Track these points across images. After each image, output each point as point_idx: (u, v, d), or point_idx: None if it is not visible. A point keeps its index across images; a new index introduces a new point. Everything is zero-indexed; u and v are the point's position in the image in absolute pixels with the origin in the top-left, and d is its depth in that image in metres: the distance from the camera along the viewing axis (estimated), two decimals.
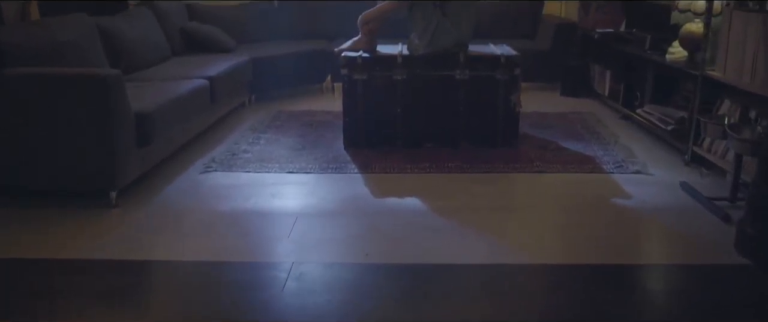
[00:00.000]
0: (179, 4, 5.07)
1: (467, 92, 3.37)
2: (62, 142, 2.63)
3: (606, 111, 4.42)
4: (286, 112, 4.42)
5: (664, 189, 2.88)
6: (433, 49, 3.36)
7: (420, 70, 3.36)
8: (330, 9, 5.54)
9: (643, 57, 3.88)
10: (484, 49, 3.60)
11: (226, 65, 4.11)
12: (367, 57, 3.38)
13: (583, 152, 3.41)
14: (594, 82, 4.77)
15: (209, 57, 4.45)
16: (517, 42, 5.27)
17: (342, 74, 3.39)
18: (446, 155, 3.33)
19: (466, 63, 3.33)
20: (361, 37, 3.51)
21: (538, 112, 4.29)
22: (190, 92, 3.38)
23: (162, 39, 4.38)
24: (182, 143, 3.39)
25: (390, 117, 3.42)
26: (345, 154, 3.39)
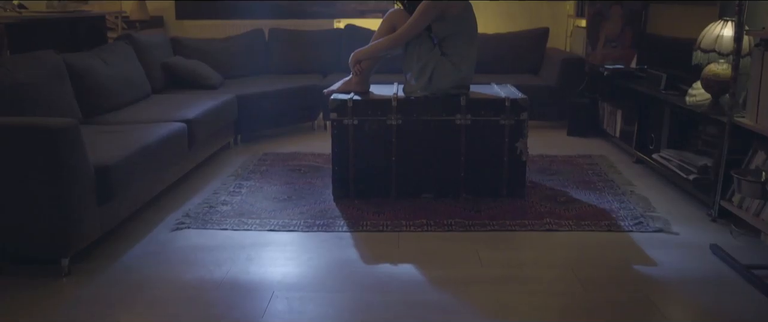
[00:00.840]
0: (163, 38, 4.80)
1: (469, 139, 3.06)
2: (8, 201, 2.30)
3: (618, 154, 4.11)
4: (274, 154, 4.10)
5: (692, 253, 2.55)
6: (432, 92, 3.05)
7: (417, 115, 3.05)
8: (324, 42, 5.27)
9: (659, 98, 3.59)
10: (488, 90, 3.30)
11: (208, 105, 3.80)
12: (358, 100, 3.07)
13: (597, 205, 3.09)
14: (603, 121, 4.47)
15: (191, 95, 4.16)
16: (521, 77, 5.03)
17: (331, 119, 3.08)
18: (446, 209, 3.00)
19: (468, 107, 3.03)
20: (353, 77, 3.21)
21: (545, 156, 3.98)
22: (164, 138, 3.06)
23: (141, 76, 4.09)
24: (153, 196, 3.06)
25: (384, 166, 3.10)
26: (334, 207, 3.06)
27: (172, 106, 3.74)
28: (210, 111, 3.76)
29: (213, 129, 3.83)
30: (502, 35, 5.26)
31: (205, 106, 3.76)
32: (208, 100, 3.92)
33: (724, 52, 2.90)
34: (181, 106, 3.72)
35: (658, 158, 3.52)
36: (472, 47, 3.12)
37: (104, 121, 3.40)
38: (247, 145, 4.41)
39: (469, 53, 3.11)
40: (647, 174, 3.65)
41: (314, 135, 4.68)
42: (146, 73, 4.19)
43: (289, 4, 5.61)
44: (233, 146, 4.38)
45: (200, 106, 3.72)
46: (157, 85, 4.34)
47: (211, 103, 3.88)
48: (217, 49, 5.04)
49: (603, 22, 4.66)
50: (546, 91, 4.73)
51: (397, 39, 3.04)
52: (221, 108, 3.97)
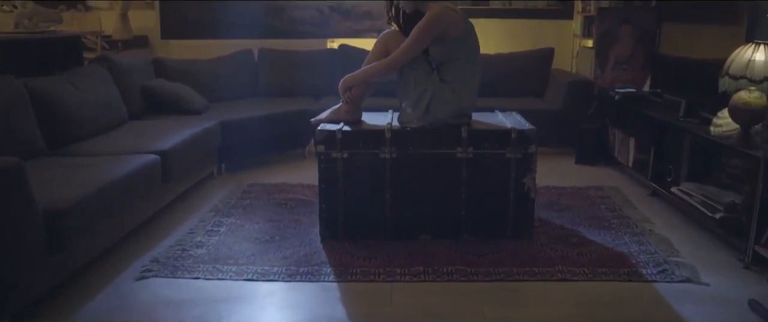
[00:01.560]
0: (144, 59, 4.51)
1: (471, 173, 2.75)
2: None
3: (631, 185, 3.80)
4: (260, 185, 3.79)
5: (728, 310, 2.23)
6: (430, 122, 2.75)
7: (413, 148, 2.74)
8: (316, 63, 4.99)
9: (677, 126, 3.29)
10: (491, 119, 3.00)
11: (188, 133, 3.50)
12: (348, 131, 2.77)
13: (614, 247, 2.77)
14: (614, 149, 4.17)
15: (172, 121, 3.86)
16: (524, 100, 4.73)
17: (317, 152, 2.77)
18: (445, 253, 2.69)
19: (470, 138, 2.72)
20: (343, 104, 2.91)
21: (552, 188, 3.67)
22: (133, 174, 2.76)
23: (117, 101, 3.79)
24: (119, 238, 2.75)
25: (377, 204, 2.79)
26: (320, 251, 2.75)
27: (148, 134, 3.44)
28: (189, 140, 3.46)
29: (193, 159, 3.53)
30: (505, 55, 4.98)
31: (185, 134, 3.46)
32: (189, 128, 3.62)
33: (756, 79, 2.61)
34: (158, 134, 3.42)
35: (677, 192, 3.22)
36: (474, 72, 2.83)
37: (71, 152, 3.10)
38: (232, 175, 4.10)
39: (470, 79, 2.81)
40: (665, 209, 3.33)
41: (304, 164, 4.37)
42: (124, 98, 3.89)
43: (281, 23, 5.35)
44: (217, 176, 4.07)
45: (179, 135, 3.42)
46: (136, 110, 4.04)
47: (192, 130, 3.58)
48: (202, 70, 4.76)
49: (612, 43, 4.38)
50: (552, 116, 4.43)
51: (392, 64, 2.74)
52: (203, 136, 3.67)
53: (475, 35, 2.83)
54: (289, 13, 5.32)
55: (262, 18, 5.35)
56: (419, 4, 2.79)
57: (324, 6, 5.32)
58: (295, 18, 5.34)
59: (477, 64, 2.84)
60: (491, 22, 5.25)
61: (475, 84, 2.84)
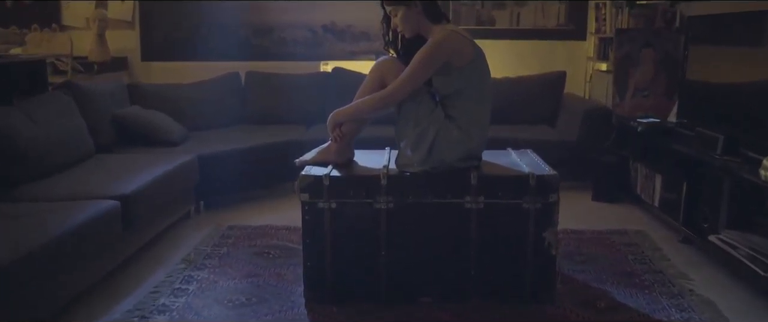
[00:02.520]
0: (118, 84, 4.12)
1: (481, 227, 2.33)
2: None
3: (658, 228, 3.38)
4: (240, 228, 3.37)
5: None
6: (433, 166, 2.34)
7: (413, 196, 2.33)
8: (308, 88, 4.60)
9: (715, 165, 2.88)
10: (504, 160, 2.59)
11: (158, 171, 3.09)
12: (337, 176, 2.36)
13: (650, 314, 2.35)
14: (637, 185, 3.75)
15: (143, 155, 3.46)
16: (535, 129, 4.33)
17: (301, 201, 2.36)
18: (451, 320, 2.26)
19: (481, 186, 2.31)
20: (331, 143, 2.50)
21: (571, 232, 3.25)
22: (84, 226, 2.34)
23: (81, 133, 3.38)
24: (66, 302, 2.32)
25: (370, 261, 2.37)
26: (304, 317, 2.33)
27: (113, 172, 3.03)
28: (160, 179, 3.04)
29: (163, 200, 3.11)
30: (513, 80, 4.60)
31: (154, 172, 3.05)
32: (161, 163, 3.21)
33: None
34: (124, 172, 3.01)
35: (717, 242, 2.80)
36: (484, 107, 2.42)
37: (17, 196, 2.68)
38: (211, 214, 3.68)
39: (480, 115, 2.41)
40: (703, 262, 2.91)
41: (292, 201, 3.89)
42: (91, 129, 3.49)
43: (270, 44, 4.96)
44: (194, 216, 3.65)
45: (147, 173, 3.01)
46: (106, 142, 3.64)
47: (164, 167, 3.17)
48: (183, 96, 4.37)
49: (632, 68, 3.99)
50: (566, 148, 4.03)
51: (388, 98, 2.34)
52: (177, 173, 3.26)
53: (485, 63, 2.44)
54: (279, 33, 4.94)
55: (250, 38, 4.96)
56: (421, 27, 2.39)
57: (317, 26, 4.94)
58: (285, 39, 4.95)
59: (488, 97, 2.44)
60: (497, 44, 4.86)
61: (486, 121, 2.43)
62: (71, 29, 5.00)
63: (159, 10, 4.96)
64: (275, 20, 4.93)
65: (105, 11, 4.92)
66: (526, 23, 4.85)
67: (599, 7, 4.51)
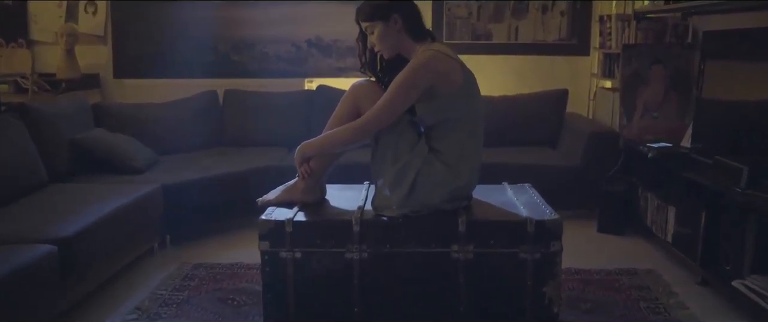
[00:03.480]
0: (81, 105, 3.79)
1: (471, 280, 2.00)
2: None
3: (672, 267, 3.03)
4: (206, 267, 3.03)
5: None
6: (415, 209, 2.01)
7: (391, 245, 1.99)
8: (291, 107, 4.27)
9: (739, 200, 2.54)
10: (498, 198, 2.25)
11: (110, 206, 2.75)
12: (301, 221, 2.02)
13: None
14: (646, 217, 3.41)
15: (99, 185, 3.13)
16: (535, 152, 3.99)
17: (261, 251, 2.02)
18: None
19: (470, 232, 1.97)
20: (299, 181, 2.17)
21: (575, 271, 2.90)
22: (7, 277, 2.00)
23: (31, 161, 3.06)
24: None
25: (341, 320, 2.02)
26: None
27: (59, 208, 2.70)
28: (113, 215, 2.71)
29: (117, 239, 2.78)
30: (511, 99, 4.27)
31: (106, 207, 2.72)
32: (116, 196, 2.88)
33: None
34: (72, 207, 2.69)
35: (741, 288, 2.45)
36: (475, 139, 2.09)
37: None
38: (178, 250, 3.34)
39: (471, 148, 2.07)
40: (724, 307, 2.57)
41: None
42: (45, 156, 3.17)
43: (251, 60, 4.63)
44: (158, 252, 3.30)
45: (98, 209, 2.68)
46: (63, 168, 3.31)
47: (121, 200, 2.84)
48: (155, 116, 4.04)
49: (640, 87, 3.66)
50: (569, 173, 3.70)
51: (362, 129, 2.01)
52: (135, 206, 2.92)
53: (476, 88, 2.11)
54: (261, 49, 4.62)
55: (229, 54, 4.64)
56: (402, 46, 2.07)
57: (301, 40, 4.62)
58: (268, 54, 4.63)
59: (480, 127, 2.11)
60: (494, 60, 4.55)
61: (477, 155, 2.10)
62: (40, 44, 4.68)
63: (133, 24, 4.64)
64: (257, 35, 4.61)
65: (75, 25, 4.60)
66: (525, 37, 4.52)
67: (603, 20, 4.19)
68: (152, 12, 4.60)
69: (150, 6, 4.60)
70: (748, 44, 2.88)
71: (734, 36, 3.01)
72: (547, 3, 4.45)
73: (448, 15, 4.50)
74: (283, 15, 4.56)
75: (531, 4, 4.47)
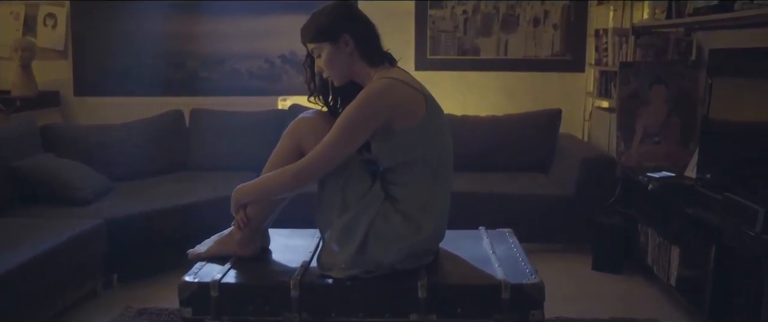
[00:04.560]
0: (28, 127, 3.46)
1: None
2: None
3: (676, 313, 2.70)
4: (151, 313, 2.69)
5: None
6: (366, 269, 1.67)
7: (337, 313, 1.65)
8: (262, 127, 3.92)
9: (752, 245, 2.20)
10: (469, 251, 1.91)
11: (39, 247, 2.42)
12: (230, 284, 1.68)
13: None
14: (647, 254, 3.07)
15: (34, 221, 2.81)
16: (525, 178, 3.65)
17: (183, 319, 1.68)
18: None
19: (432, 298, 1.63)
20: (234, 230, 1.83)
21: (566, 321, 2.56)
22: None
23: None
24: None
25: None
26: None
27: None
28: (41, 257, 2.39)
29: (46, 284, 2.45)
30: (499, 119, 3.94)
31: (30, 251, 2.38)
32: (49, 234, 2.56)
33: None
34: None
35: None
36: (440, 185, 1.75)
37: None
38: (125, 290, 3.00)
39: (436, 196, 1.73)
40: None
41: None
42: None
43: (221, 78, 4.32)
44: (103, 293, 2.96)
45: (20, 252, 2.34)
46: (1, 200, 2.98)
47: (50, 241, 2.51)
48: (112, 139, 3.72)
49: (640, 108, 3.33)
50: (561, 203, 3.37)
51: (301, 173, 1.67)
52: (69, 247, 2.59)
53: (443, 122, 1.77)
54: (232, 65, 4.30)
55: (198, 71, 4.32)
56: (355, 71, 1.75)
57: (274, 57, 4.29)
58: (239, 71, 4.31)
59: (447, 169, 1.77)
60: (482, 77, 4.23)
61: (444, 203, 1.76)
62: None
63: (95, 38, 4.33)
64: (227, 50, 4.29)
65: (33, 39, 4.30)
66: (515, 53, 4.20)
67: (600, 34, 3.87)
68: (116, 25, 4.30)
69: (114, 19, 4.29)
70: (762, 62, 2.55)
71: (746, 54, 2.68)
72: (539, 15, 4.13)
73: (433, 28, 4.18)
74: (254, 29, 4.24)
75: (522, 16, 4.15)
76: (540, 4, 4.09)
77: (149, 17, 4.27)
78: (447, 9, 4.15)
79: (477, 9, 4.14)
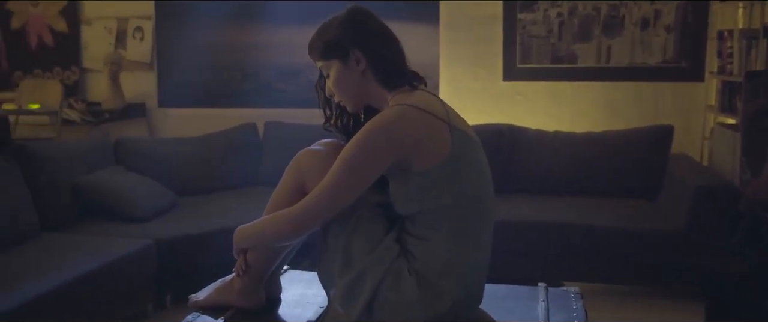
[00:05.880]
0: (100, 141, 3.49)
1: None
2: None
3: None
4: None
5: None
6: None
7: None
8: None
9: None
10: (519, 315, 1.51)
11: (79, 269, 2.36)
12: None
13: None
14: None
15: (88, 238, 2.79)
16: (627, 207, 3.12)
17: None
18: None
19: None
20: (234, 277, 1.58)
21: None
22: None
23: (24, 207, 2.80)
24: None
25: None
26: None
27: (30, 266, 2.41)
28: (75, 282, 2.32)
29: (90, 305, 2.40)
30: (598, 136, 3.44)
31: (68, 274, 2.32)
32: (94, 255, 2.52)
33: None
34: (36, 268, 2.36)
35: None
36: (472, 240, 1.38)
37: None
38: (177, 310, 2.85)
39: (464, 255, 1.36)
40: None
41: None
42: (39, 202, 2.89)
43: (297, 90, 4.16)
44: (153, 314, 2.87)
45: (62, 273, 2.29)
46: (63, 216, 3.00)
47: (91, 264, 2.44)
48: (183, 152, 3.68)
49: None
50: (669, 241, 2.85)
51: (297, 221, 1.37)
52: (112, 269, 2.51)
53: (479, 161, 1.40)
54: (308, 76, 4.12)
55: (273, 83, 4.20)
56: (370, 94, 1.43)
57: None
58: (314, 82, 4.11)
59: (482, 221, 1.39)
60: (578, 87, 3.72)
61: (476, 266, 1.39)
62: (90, 72, 4.54)
63: (176, 51, 4.35)
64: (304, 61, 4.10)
65: (122, 52, 4.40)
66: (619, 60, 3.65)
67: (723, 37, 3.23)
68: (195, 37, 4.29)
69: (194, 31, 4.28)
70: None
71: None
72: (649, 16, 3.55)
73: (523, 34, 3.74)
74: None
75: (627, 17, 3.59)
76: (649, 3, 3.52)
77: (226, 29, 4.23)
78: (539, 11, 3.69)
79: (574, 11, 3.65)
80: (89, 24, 4.50)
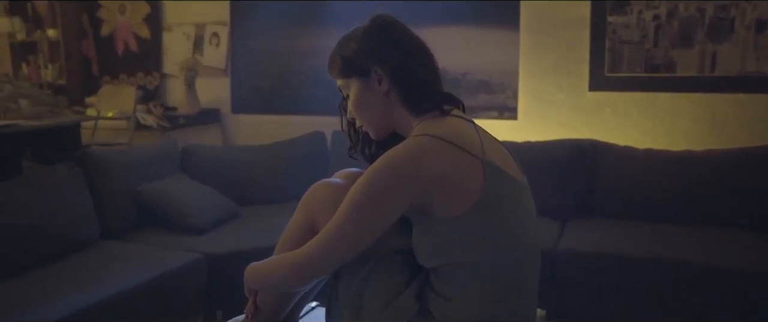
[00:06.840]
0: (167, 148, 3.49)
1: None
2: None
3: None
4: None
5: None
6: None
7: None
8: None
9: None
10: None
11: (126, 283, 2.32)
12: None
13: None
14: None
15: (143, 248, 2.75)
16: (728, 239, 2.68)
17: None
18: None
19: None
20: (244, 319, 1.42)
21: None
22: None
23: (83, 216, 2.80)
24: None
25: None
26: None
27: (82, 276, 2.39)
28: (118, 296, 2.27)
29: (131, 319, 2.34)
30: (698, 155, 3.01)
31: (111, 288, 2.27)
32: (141, 268, 2.47)
33: None
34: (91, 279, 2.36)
35: None
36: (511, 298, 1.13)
37: None
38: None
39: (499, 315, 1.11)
40: None
41: None
42: (103, 209, 2.90)
43: None
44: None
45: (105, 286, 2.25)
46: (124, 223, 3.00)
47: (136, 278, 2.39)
48: (249, 161, 3.62)
49: None
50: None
51: (303, 266, 1.18)
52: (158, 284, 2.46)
53: (518, 203, 1.14)
54: None
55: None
56: (394, 118, 1.22)
57: None
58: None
59: (522, 274, 1.14)
60: (678, 99, 3.29)
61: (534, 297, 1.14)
62: (171, 77, 4.62)
63: (248, 56, 4.33)
64: None
65: (197, 58, 4.44)
66: (726, 68, 3.18)
67: None
68: (268, 43, 4.24)
69: (265, 37, 4.24)
70: None
71: None
72: (765, 18, 3.06)
73: (613, 39, 3.36)
74: None
75: (738, 19, 3.12)
76: (766, 2, 3.04)
77: (297, 34, 4.14)
78: (632, 14, 3.30)
79: (674, 12, 3.22)
80: (170, 30, 4.59)
